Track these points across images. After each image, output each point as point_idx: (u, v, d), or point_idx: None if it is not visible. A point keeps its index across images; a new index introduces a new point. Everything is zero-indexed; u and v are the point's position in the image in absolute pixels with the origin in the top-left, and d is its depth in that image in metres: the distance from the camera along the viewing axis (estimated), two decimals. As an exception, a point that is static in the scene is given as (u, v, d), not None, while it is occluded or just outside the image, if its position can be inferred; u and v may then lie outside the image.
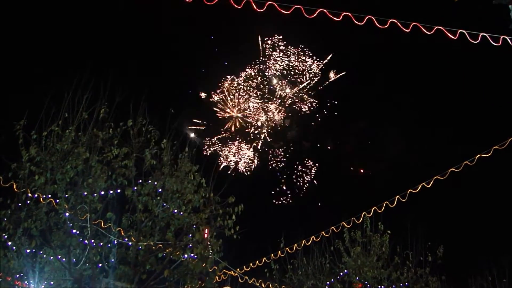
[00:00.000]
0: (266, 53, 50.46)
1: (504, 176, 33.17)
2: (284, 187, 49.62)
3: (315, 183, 48.81)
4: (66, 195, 10.73)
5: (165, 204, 11.29)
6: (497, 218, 35.56)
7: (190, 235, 11.36)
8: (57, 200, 10.85)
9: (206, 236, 11.32)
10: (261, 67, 50.68)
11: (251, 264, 22.55)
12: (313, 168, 49.66)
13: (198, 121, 49.97)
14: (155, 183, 11.28)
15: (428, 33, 10.88)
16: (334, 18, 10.88)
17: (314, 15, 10.81)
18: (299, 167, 49.98)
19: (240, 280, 22.37)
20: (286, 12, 10.54)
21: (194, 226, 11.41)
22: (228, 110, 50.09)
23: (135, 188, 11.12)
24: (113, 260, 11.26)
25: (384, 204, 17.74)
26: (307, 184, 49.21)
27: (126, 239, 11.30)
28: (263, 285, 22.61)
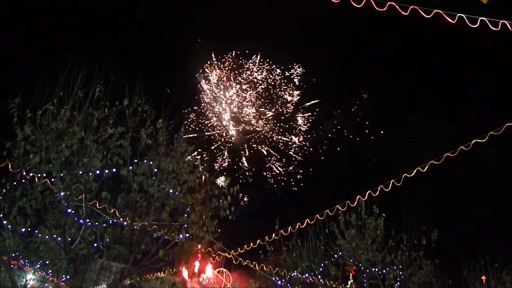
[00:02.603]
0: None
1: (500, 161, 33.29)
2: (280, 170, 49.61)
3: (311, 167, 48.83)
4: (61, 175, 10.68)
5: (160, 184, 11.26)
6: (491, 203, 35.78)
7: (186, 215, 11.35)
8: (52, 180, 10.82)
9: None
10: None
11: (245, 246, 22.60)
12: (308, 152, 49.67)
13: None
14: (151, 163, 11.24)
15: (426, 16, 10.79)
16: (333, 1, 10.78)
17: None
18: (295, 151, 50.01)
19: (234, 261, 22.44)
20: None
21: (190, 206, 11.39)
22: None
23: (131, 168, 11.07)
24: (108, 240, 11.26)
25: (379, 188, 17.72)
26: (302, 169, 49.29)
27: (121, 219, 11.28)
28: (257, 267, 22.70)
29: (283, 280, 22.74)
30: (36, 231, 12.82)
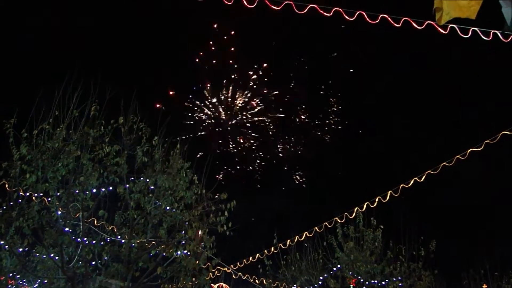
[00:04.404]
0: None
1: (496, 170, 33.34)
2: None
3: (308, 178, 48.83)
4: (58, 193, 10.70)
5: (157, 201, 11.27)
6: (489, 212, 35.81)
7: (183, 232, 11.35)
8: (49, 199, 10.83)
9: (199, 235, 11.30)
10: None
11: (244, 260, 22.52)
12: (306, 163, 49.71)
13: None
14: (147, 180, 11.25)
15: (419, 28, 10.86)
16: (325, 14, 10.86)
17: (305, 11, 10.79)
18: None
19: (233, 276, 22.35)
20: (277, 8, 10.50)
21: (187, 223, 11.39)
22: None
23: (127, 185, 11.09)
24: (106, 258, 11.24)
25: (377, 199, 17.73)
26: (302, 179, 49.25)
27: (119, 237, 11.28)
28: (256, 281, 22.60)
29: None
30: (34, 251, 12.78)
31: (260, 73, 51.25)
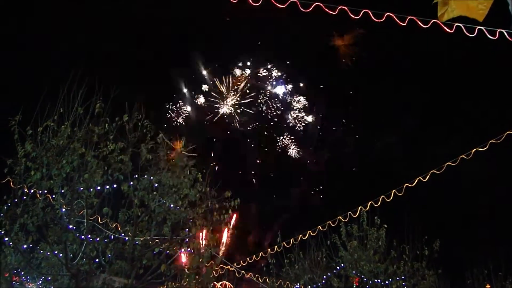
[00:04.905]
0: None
1: (501, 170, 33.22)
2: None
3: (312, 177, 48.73)
4: (62, 191, 10.70)
5: (161, 199, 11.26)
6: (493, 211, 35.70)
7: (187, 229, 11.35)
8: (53, 196, 10.83)
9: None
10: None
11: (248, 258, 22.54)
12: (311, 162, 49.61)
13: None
14: (151, 178, 11.26)
15: (424, 26, 10.82)
16: (330, 12, 10.85)
17: (310, 9, 10.78)
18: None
19: (237, 274, 22.38)
20: (282, 6, 10.49)
21: (191, 220, 11.40)
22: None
23: (131, 183, 11.09)
24: (110, 255, 11.24)
25: (381, 198, 17.70)
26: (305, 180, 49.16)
27: (123, 234, 11.28)
28: (260, 279, 22.63)
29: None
30: (38, 248, 12.83)
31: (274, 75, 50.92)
